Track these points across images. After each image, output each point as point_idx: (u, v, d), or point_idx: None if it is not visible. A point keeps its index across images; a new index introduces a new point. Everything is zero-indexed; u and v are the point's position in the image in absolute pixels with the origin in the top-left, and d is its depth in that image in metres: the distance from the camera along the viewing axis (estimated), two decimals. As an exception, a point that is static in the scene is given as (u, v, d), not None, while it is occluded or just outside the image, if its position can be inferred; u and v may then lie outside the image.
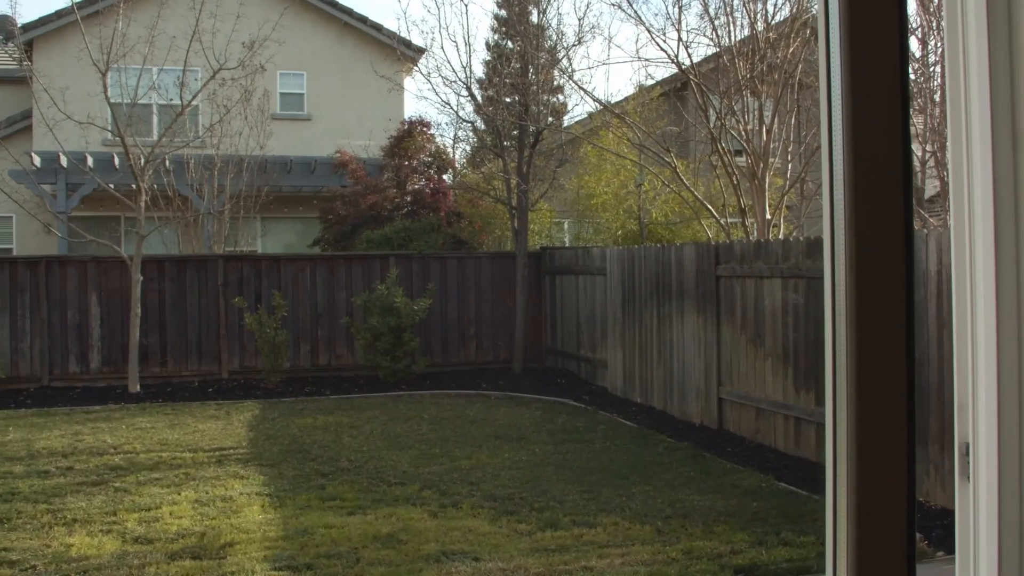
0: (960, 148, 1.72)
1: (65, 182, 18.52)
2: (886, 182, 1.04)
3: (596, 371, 14.55)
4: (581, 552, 6.72)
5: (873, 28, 1.02)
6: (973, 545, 1.46)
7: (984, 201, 1.61)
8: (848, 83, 1.04)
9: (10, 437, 10.96)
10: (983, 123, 1.67)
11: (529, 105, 16.07)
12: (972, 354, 1.49)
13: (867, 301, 1.00)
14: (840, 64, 1.04)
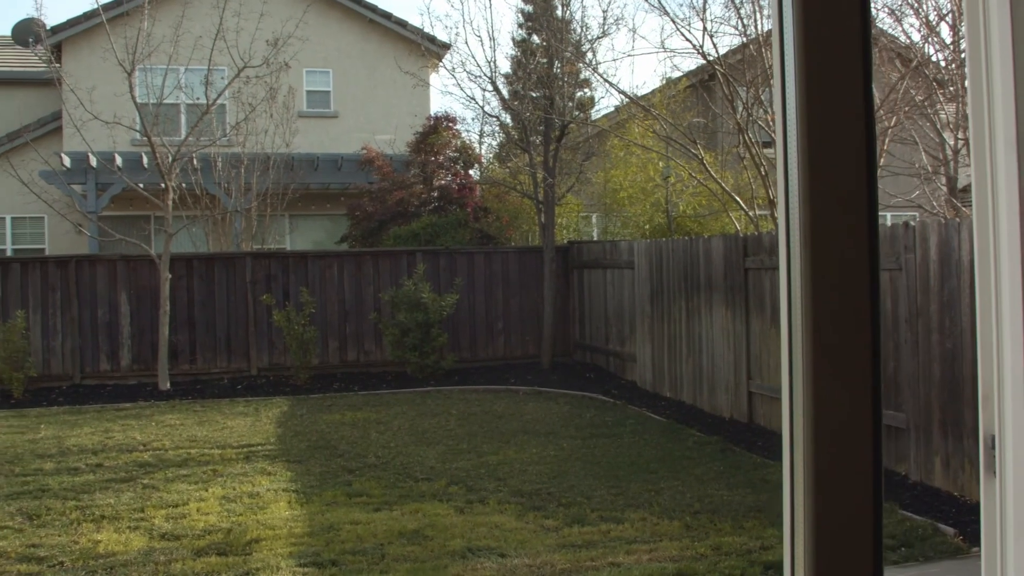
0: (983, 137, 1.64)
1: (95, 182, 18.66)
2: (845, 160, 0.96)
3: (625, 365, 14.46)
4: (608, 548, 6.66)
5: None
6: (1000, 540, 1.39)
7: (1008, 190, 1.53)
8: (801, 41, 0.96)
9: (42, 435, 11.04)
10: (1007, 111, 1.59)
11: (554, 99, 15.98)
12: (997, 345, 1.41)
13: (825, 293, 0.91)
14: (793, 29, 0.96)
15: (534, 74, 17.32)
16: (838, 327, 0.91)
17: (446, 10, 50.67)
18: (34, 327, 14.52)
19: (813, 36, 0.93)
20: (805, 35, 0.92)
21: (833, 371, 0.91)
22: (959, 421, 7.68)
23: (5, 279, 14.57)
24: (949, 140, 15.11)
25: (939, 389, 7.91)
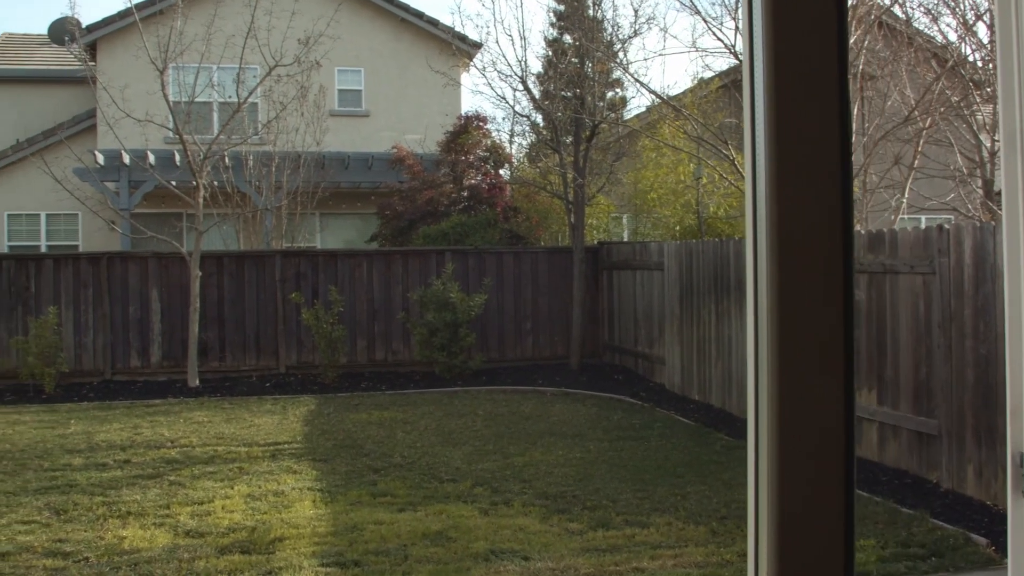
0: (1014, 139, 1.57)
1: (128, 179, 18.82)
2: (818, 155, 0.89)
3: (653, 367, 14.37)
4: (633, 552, 6.59)
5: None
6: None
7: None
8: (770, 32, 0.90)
9: (71, 430, 11.13)
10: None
11: (585, 98, 15.91)
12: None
13: (794, 287, 0.84)
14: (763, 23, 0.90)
15: (565, 74, 17.25)
16: (807, 324, 0.85)
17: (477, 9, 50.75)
18: (66, 323, 14.65)
19: (783, 28, 0.88)
20: (775, 26, 0.87)
21: (803, 366, 0.85)
22: (993, 429, 7.54)
23: (38, 275, 14.72)
24: (986, 142, 14.88)
25: (972, 396, 7.78)
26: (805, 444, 0.86)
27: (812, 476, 0.85)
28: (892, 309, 8.85)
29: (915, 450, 8.58)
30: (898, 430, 8.79)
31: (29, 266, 14.78)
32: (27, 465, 9.32)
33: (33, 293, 14.67)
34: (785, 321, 0.86)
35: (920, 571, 6.16)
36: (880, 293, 9.02)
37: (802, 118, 0.89)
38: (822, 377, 0.87)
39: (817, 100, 0.88)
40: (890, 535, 6.82)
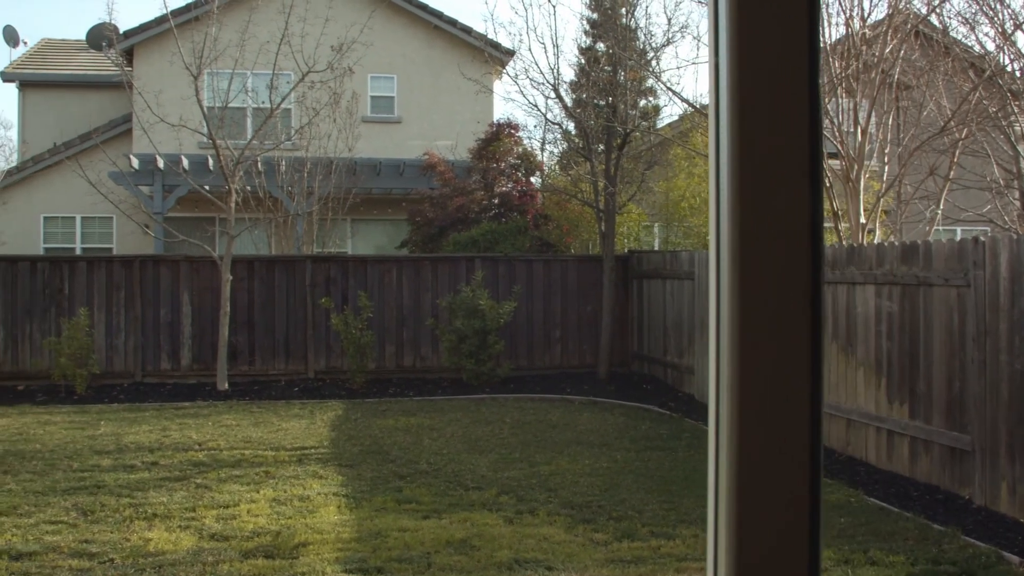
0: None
1: (161, 184, 18.98)
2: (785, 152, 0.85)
3: (683, 377, 14.27)
4: (658, 565, 6.52)
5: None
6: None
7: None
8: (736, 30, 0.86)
9: (101, 431, 11.21)
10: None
11: (617, 106, 15.86)
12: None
13: (756, 305, 0.80)
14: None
15: (598, 82, 17.21)
16: (769, 333, 0.81)
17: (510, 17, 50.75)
18: (98, 325, 14.78)
19: (750, 26, 0.83)
20: (740, 24, 0.82)
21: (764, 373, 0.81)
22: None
23: (72, 277, 14.87)
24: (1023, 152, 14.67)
25: (1007, 411, 7.64)
26: (765, 450, 0.82)
27: (772, 485, 0.81)
28: (925, 322, 8.72)
29: (947, 465, 8.44)
30: (930, 445, 8.65)
31: (63, 268, 14.94)
32: (56, 465, 9.39)
33: (67, 295, 14.83)
34: (746, 331, 0.81)
35: (951, 589, 6.04)
36: (913, 305, 8.90)
37: (768, 121, 0.84)
38: (785, 385, 0.83)
39: (785, 102, 0.83)
40: (920, 552, 6.71)
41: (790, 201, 0.83)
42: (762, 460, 0.81)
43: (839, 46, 13.12)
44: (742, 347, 0.81)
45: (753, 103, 0.83)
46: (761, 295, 0.81)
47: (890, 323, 9.25)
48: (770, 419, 0.81)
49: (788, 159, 0.84)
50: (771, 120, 0.83)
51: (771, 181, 0.83)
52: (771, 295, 0.82)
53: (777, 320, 0.82)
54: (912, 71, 14.45)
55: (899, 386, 9.12)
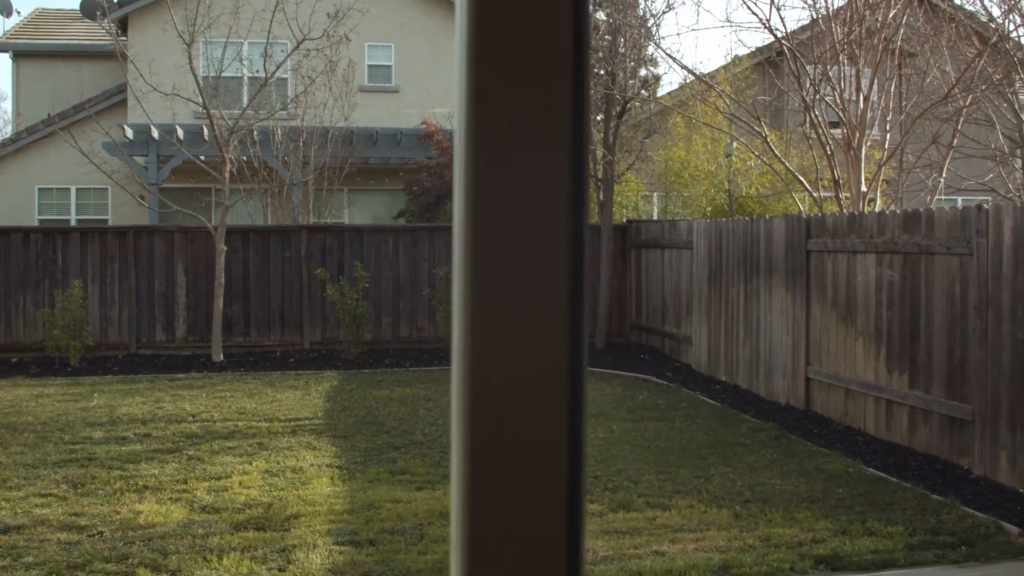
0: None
1: (156, 154, 18.80)
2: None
3: (680, 347, 14.18)
4: (653, 535, 6.45)
5: None
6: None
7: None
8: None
9: (94, 403, 11.13)
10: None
11: (617, 75, 15.67)
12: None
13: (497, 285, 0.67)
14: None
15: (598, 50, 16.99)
16: (511, 317, 0.68)
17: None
18: (92, 296, 14.67)
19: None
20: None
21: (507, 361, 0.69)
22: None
23: (66, 248, 14.75)
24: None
25: (1008, 381, 7.54)
26: (507, 440, 0.70)
27: (519, 471, 0.68)
28: (927, 290, 8.61)
29: (947, 435, 8.36)
30: (929, 414, 8.56)
31: (56, 239, 14.81)
32: (48, 438, 9.31)
33: (60, 266, 14.71)
34: (480, 315, 0.69)
35: (950, 560, 5.97)
36: (914, 274, 8.78)
37: (515, 78, 0.71)
38: (536, 379, 0.70)
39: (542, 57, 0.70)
40: (919, 522, 6.63)
41: (541, 183, 0.70)
42: (504, 457, 0.69)
43: (841, 12, 12.91)
44: (475, 339, 0.69)
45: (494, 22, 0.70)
46: (502, 268, 0.68)
47: (891, 292, 9.13)
48: (514, 409, 0.69)
49: (540, 106, 0.71)
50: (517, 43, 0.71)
51: (515, 152, 0.71)
52: (513, 270, 0.69)
53: (522, 295, 0.70)
54: (916, 38, 14.25)
55: (899, 356, 9.02)
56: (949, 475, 7.98)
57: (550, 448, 0.66)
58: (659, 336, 15.08)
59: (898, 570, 5.81)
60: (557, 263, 0.69)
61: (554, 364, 0.67)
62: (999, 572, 5.84)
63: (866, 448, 8.96)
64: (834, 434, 9.57)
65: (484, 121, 0.68)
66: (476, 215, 0.66)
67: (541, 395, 0.66)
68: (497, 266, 0.67)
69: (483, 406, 0.66)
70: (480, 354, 0.66)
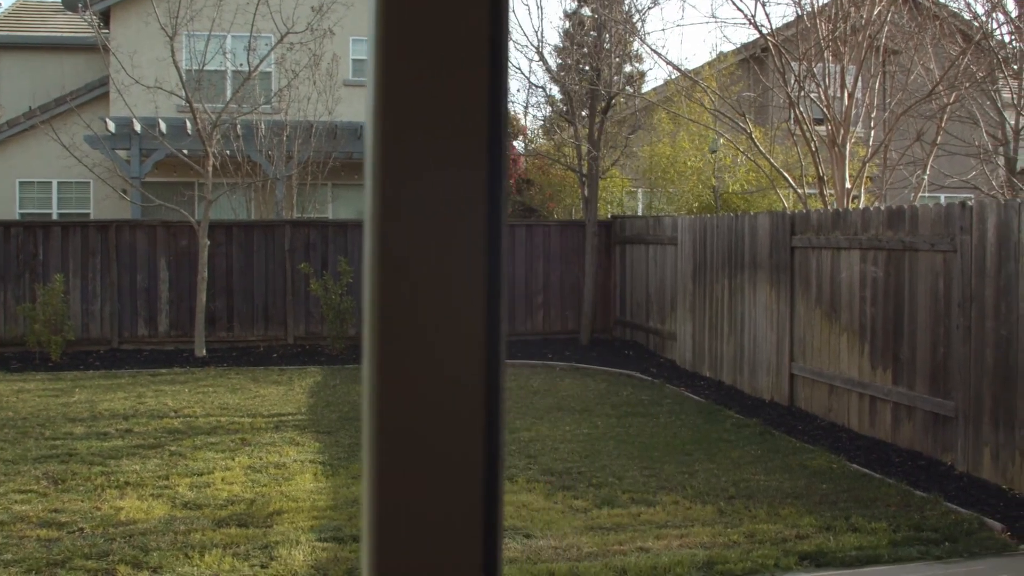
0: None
1: (139, 147, 18.65)
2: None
3: (665, 343, 14.18)
4: (638, 532, 6.44)
5: None
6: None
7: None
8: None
9: (75, 398, 11.04)
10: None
11: (602, 70, 15.65)
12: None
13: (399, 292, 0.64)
14: None
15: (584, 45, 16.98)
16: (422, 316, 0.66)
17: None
18: (73, 291, 14.56)
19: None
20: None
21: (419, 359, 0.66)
22: (1011, 411, 7.34)
23: (47, 242, 14.62)
24: (1010, 119, 14.56)
25: (992, 378, 7.56)
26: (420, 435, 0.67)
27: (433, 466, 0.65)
28: (910, 287, 8.63)
29: (930, 431, 8.38)
30: (913, 411, 8.59)
31: (37, 233, 14.68)
32: (28, 433, 9.23)
33: (41, 260, 14.58)
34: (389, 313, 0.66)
35: (933, 556, 5.98)
36: (898, 270, 8.80)
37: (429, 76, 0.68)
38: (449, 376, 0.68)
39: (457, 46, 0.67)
40: (902, 518, 6.64)
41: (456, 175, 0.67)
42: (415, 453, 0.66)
43: (826, 8, 12.92)
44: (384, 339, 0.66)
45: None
46: (412, 263, 0.65)
47: (875, 288, 9.15)
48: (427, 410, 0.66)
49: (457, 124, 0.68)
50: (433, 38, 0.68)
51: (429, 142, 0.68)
52: (424, 264, 0.66)
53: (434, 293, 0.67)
54: (900, 35, 14.28)
55: (883, 352, 9.04)
56: (932, 471, 8.00)
57: (464, 453, 0.63)
58: (643, 332, 15.08)
59: (882, 566, 5.82)
60: (473, 257, 0.65)
61: (469, 365, 0.64)
62: (982, 568, 5.85)
63: (850, 444, 8.98)
64: (818, 430, 9.59)
65: (393, 104, 0.65)
66: (385, 206, 0.63)
67: (454, 397, 0.63)
68: (407, 261, 0.64)
69: (392, 411, 0.63)
70: (390, 355, 0.63)
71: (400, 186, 0.63)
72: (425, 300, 0.64)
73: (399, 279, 0.64)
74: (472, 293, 0.65)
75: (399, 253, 0.64)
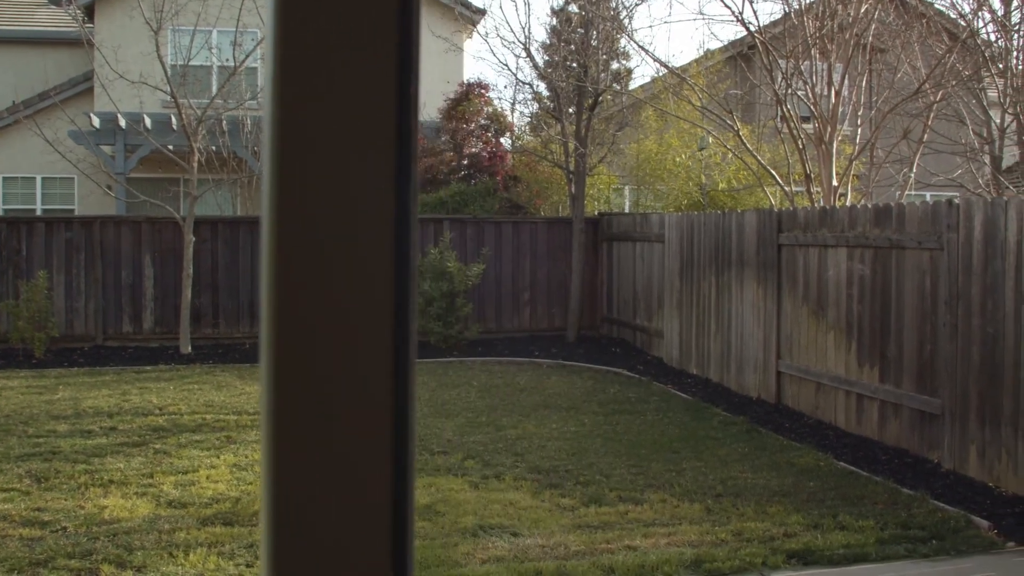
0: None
1: (123, 143, 18.54)
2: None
3: (652, 340, 14.17)
4: (625, 530, 6.42)
5: None
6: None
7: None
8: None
9: (59, 396, 10.96)
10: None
11: (589, 67, 15.62)
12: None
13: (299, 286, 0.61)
14: None
15: (571, 42, 16.94)
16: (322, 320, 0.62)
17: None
18: (57, 287, 14.45)
19: None
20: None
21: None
22: (998, 409, 7.35)
23: (30, 239, 14.51)
24: (995, 118, 14.60)
25: (978, 375, 7.58)
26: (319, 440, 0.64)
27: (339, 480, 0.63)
28: (897, 285, 8.64)
29: (916, 429, 8.39)
30: (899, 408, 8.60)
31: (21, 229, 14.57)
32: (11, 431, 9.15)
33: (24, 256, 14.47)
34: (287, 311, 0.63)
35: (920, 554, 5.99)
36: (885, 268, 8.80)
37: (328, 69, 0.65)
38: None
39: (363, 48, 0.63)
40: (890, 516, 6.65)
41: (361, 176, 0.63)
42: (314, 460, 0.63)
43: (813, 6, 12.93)
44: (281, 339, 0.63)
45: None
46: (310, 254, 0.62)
47: (861, 286, 9.16)
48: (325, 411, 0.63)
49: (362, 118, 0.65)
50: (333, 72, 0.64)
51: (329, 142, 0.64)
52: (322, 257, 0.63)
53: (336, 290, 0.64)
54: (887, 33, 14.30)
55: (869, 350, 9.05)
56: (919, 469, 8.01)
57: (368, 457, 0.60)
58: (631, 329, 15.07)
59: (869, 564, 5.82)
60: (378, 252, 0.62)
61: (374, 365, 0.61)
62: (969, 566, 5.86)
63: (837, 442, 8.99)
64: (805, 428, 9.59)
65: (291, 80, 0.61)
66: (281, 194, 0.59)
67: (357, 400, 0.60)
68: (303, 254, 0.60)
69: (289, 415, 0.60)
70: (286, 354, 0.60)
71: (296, 171, 0.60)
72: (322, 296, 0.61)
73: (295, 274, 0.60)
74: (377, 290, 0.61)
75: (294, 245, 0.60)
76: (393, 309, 0.62)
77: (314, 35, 0.61)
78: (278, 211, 0.60)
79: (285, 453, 0.60)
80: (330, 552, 0.60)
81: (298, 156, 0.60)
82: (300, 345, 0.61)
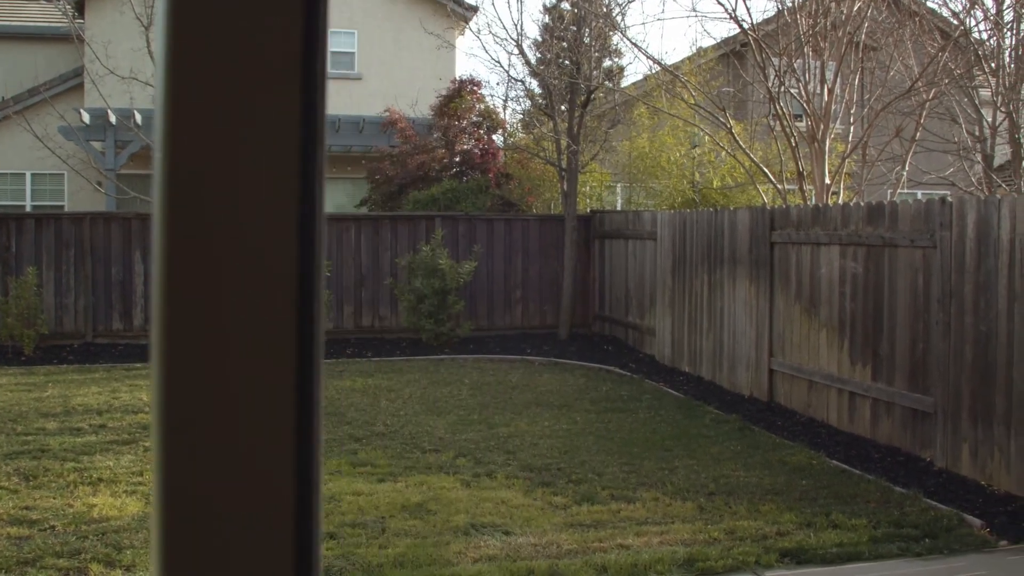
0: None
1: (113, 139, 18.46)
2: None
3: (644, 338, 14.16)
4: (617, 529, 6.40)
5: None
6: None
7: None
8: None
9: (48, 393, 10.89)
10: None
11: (581, 64, 15.59)
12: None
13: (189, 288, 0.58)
14: None
15: (564, 39, 16.91)
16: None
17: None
18: (47, 284, 14.37)
19: None
20: None
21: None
22: (990, 407, 7.34)
23: (19, 235, 14.42)
24: (987, 116, 14.61)
25: (971, 373, 7.57)
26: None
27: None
28: (890, 283, 8.63)
29: (909, 428, 8.39)
30: (892, 407, 8.59)
31: (10, 225, 14.48)
32: (0, 429, 9.08)
33: (14, 253, 14.38)
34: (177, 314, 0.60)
35: (913, 553, 5.97)
36: (878, 266, 8.79)
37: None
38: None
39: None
40: (882, 514, 6.64)
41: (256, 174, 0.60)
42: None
43: (806, 4, 12.91)
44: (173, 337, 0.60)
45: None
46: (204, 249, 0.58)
47: (854, 284, 9.15)
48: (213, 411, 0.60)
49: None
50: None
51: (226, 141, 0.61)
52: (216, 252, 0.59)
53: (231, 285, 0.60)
54: (879, 31, 14.29)
55: (862, 348, 9.04)
56: (911, 467, 8.01)
57: (267, 460, 0.57)
58: (623, 327, 15.06)
59: (862, 563, 5.80)
60: (280, 247, 0.58)
61: (274, 366, 0.58)
62: (962, 564, 5.85)
63: (829, 440, 8.98)
64: (797, 426, 9.58)
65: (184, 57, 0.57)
66: (173, 182, 0.56)
67: (254, 401, 0.57)
68: (196, 247, 0.56)
69: (180, 418, 0.56)
70: (176, 354, 0.57)
71: (186, 155, 0.56)
72: (216, 294, 0.57)
73: (187, 269, 0.56)
74: (278, 286, 0.58)
75: (186, 238, 0.56)
76: (296, 305, 0.58)
77: (209, 1, 0.57)
78: (168, 201, 0.56)
79: (173, 459, 0.57)
80: (223, 556, 0.57)
81: (188, 138, 0.56)
82: (189, 344, 0.57)
